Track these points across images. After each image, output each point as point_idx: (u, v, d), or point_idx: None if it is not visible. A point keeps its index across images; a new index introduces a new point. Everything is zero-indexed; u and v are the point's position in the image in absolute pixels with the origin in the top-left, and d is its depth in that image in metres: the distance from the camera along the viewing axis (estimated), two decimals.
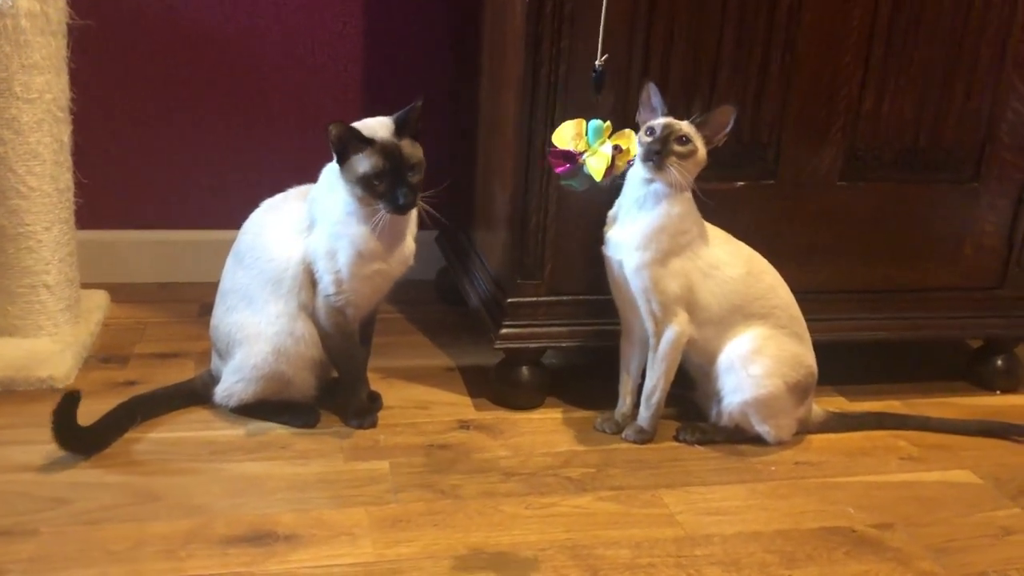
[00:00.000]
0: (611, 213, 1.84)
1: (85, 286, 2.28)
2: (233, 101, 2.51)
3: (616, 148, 1.67)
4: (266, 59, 2.50)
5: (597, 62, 1.71)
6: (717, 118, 1.75)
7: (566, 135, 1.70)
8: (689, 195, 1.78)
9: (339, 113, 2.56)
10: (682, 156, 1.73)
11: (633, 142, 1.70)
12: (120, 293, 2.44)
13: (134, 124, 2.48)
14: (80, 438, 1.67)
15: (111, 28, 2.38)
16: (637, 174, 1.78)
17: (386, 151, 1.69)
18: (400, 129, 1.73)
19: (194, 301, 2.42)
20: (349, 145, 1.70)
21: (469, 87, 2.31)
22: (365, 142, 1.69)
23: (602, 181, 1.67)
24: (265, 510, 1.59)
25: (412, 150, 1.73)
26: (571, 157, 1.69)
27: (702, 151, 1.75)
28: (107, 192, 2.48)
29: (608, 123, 1.68)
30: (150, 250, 2.57)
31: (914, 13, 1.93)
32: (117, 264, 2.54)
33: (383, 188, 1.69)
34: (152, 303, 2.45)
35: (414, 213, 1.80)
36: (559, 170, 1.70)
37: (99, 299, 2.34)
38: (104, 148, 2.46)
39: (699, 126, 1.75)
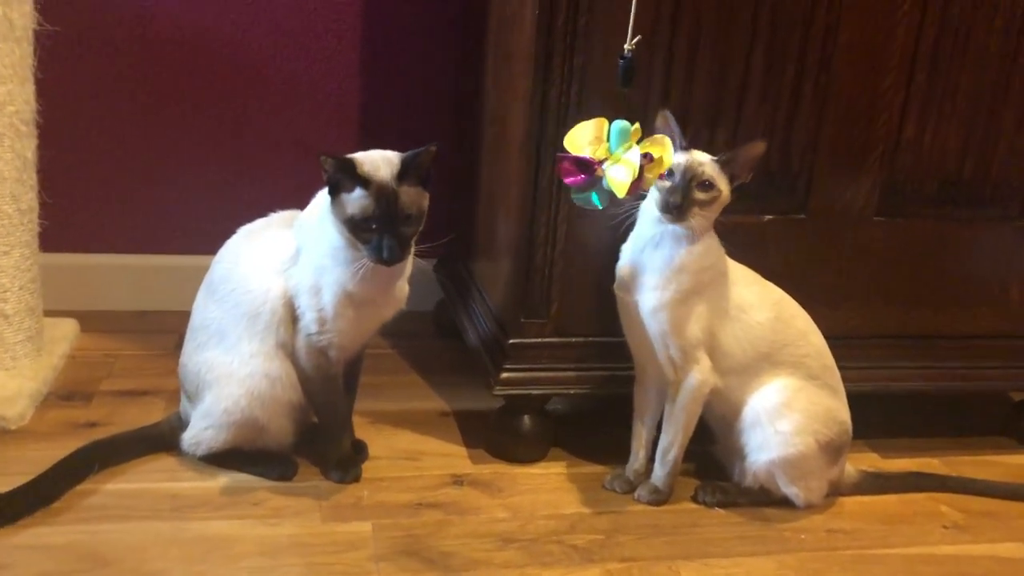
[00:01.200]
0: (624, 247, 1.66)
1: (54, 313, 2.12)
2: (217, 117, 2.34)
3: (646, 157, 1.43)
4: (254, 73, 2.32)
5: (627, 46, 1.47)
6: (745, 155, 1.56)
7: (582, 138, 1.44)
8: (711, 231, 1.60)
9: (333, 133, 2.41)
10: (705, 204, 1.55)
11: (668, 151, 1.46)
12: (92, 321, 2.27)
13: (108, 139, 2.31)
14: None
15: (83, 35, 2.21)
16: (651, 211, 1.59)
17: (380, 195, 1.50)
18: (405, 172, 1.53)
19: (172, 331, 2.22)
20: (343, 180, 1.52)
21: (473, 106, 2.13)
22: (359, 181, 1.51)
23: (625, 198, 1.43)
24: None
25: (412, 198, 1.53)
26: (587, 166, 1.43)
27: (726, 192, 1.57)
28: (78, 212, 2.32)
29: (637, 125, 1.45)
30: (126, 275, 2.39)
31: (961, 34, 1.77)
32: (90, 290, 2.36)
33: (369, 236, 1.51)
34: (126, 333, 2.27)
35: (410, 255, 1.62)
36: (570, 181, 1.45)
37: (66, 328, 2.16)
38: (74, 165, 2.28)
39: (724, 164, 1.56)
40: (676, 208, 1.52)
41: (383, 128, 2.40)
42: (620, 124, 1.43)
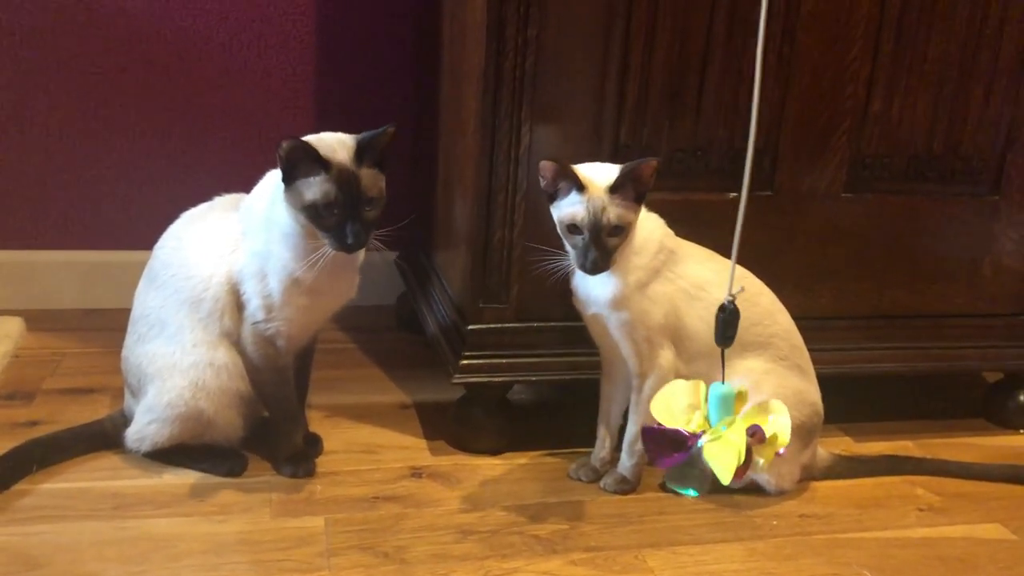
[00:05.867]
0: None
1: None
2: (168, 108, 2.26)
3: (753, 431, 1.13)
4: (206, 62, 2.25)
5: None
6: (638, 175, 1.46)
7: (676, 405, 1.17)
8: (644, 213, 1.54)
9: (287, 123, 2.33)
10: (619, 243, 1.47)
11: (783, 429, 1.17)
12: (38, 320, 2.19)
13: (55, 132, 2.22)
14: None
15: (22, 24, 2.13)
16: None
17: (342, 179, 1.42)
18: (363, 154, 1.45)
19: (120, 329, 2.08)
20: (300, 165, 1.43)
21: (430, 88, 2.07)
22: (319, 164, 1.43)
23: (732, 483, 1.16)
24: None
25: (372, 181, 1.45)
26: (681, 442, 1.15)
27: (635, 215, 1.49)
28: (23, 208, 2.23)
29: (742, 387, 1.18)
30: (73, 272, 2.31)
31: (928, 3, 1.72)
32: (36, 288, 2.28)
33: (331, 222, 1.43)
34: (73, 331, 2.19)
35: None
36: (661, 465, 1.19)
37: (11, 327, 2.08)
38: (19, 159, 2.21)
39: (621, 191, 1.46)
40: (595, 267, 1.46)
41: (339, 116, 2.33)
42: (721, 390, 1.17)
